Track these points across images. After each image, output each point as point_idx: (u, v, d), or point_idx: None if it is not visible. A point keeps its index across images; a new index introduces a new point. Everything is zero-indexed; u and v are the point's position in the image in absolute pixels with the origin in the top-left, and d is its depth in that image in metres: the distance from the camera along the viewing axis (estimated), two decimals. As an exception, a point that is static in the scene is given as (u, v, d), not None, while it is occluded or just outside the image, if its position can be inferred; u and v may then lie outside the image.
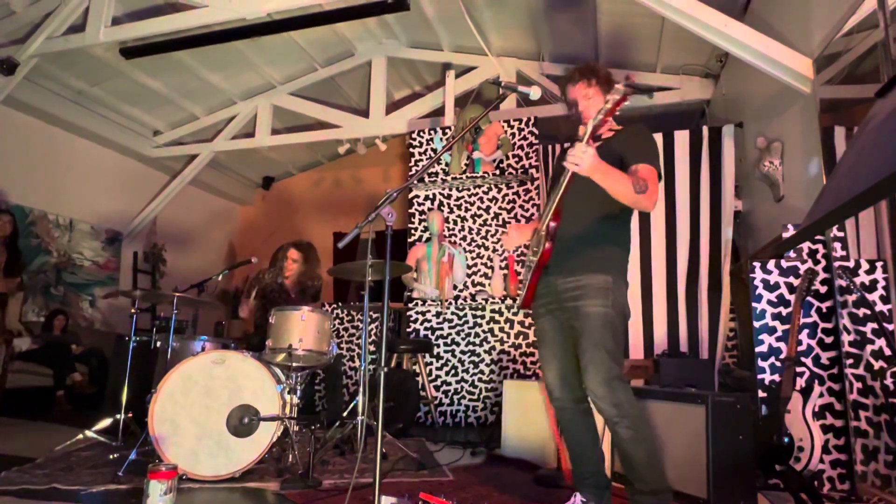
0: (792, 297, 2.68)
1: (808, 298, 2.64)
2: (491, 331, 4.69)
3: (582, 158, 1.68)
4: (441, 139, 5.28)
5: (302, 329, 2.84)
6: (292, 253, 3.79)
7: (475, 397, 4.60)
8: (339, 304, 5.33)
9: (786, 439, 2.35)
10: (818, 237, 2.70)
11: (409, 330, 4.89)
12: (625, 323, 1.96)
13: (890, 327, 2.44)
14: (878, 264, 2.54)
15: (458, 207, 5.07)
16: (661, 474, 1.83)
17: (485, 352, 4.66)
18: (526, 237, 2.13)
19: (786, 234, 2.84)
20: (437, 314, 4.82)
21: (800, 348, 2.60)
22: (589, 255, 1.92)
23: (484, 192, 5.02)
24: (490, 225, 4.95)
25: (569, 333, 1.96)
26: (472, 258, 4.93)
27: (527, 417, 3.09)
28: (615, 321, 1.88)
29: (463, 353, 4.71)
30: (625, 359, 4.07)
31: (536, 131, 4.98)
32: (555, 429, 2.70)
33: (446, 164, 5.10)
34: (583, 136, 1.73)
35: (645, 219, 4.39)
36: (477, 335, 4.71)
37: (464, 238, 4.99)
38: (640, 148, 1.94)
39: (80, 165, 6.05)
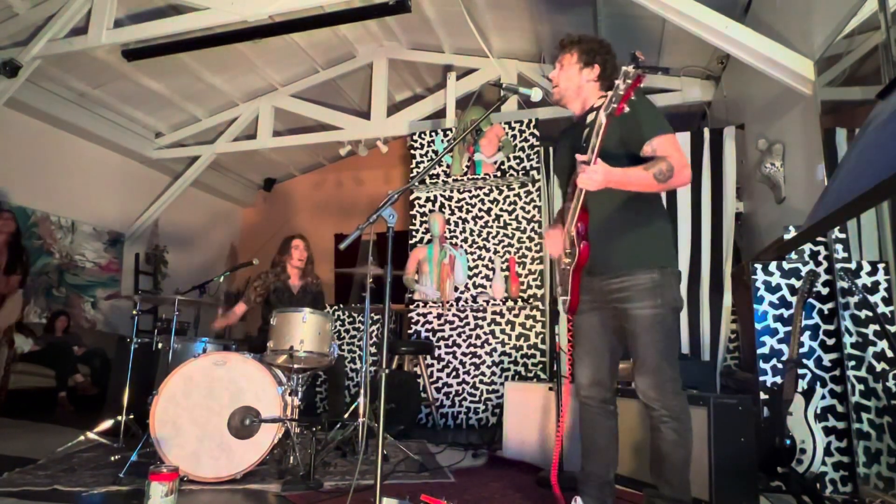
0: (793, 299, 2.67)
1: (810, 300, 2.64)
2: (492, 332, 4.68)
3: (591, 181, 1.61)
4: (442, 141, 5.28)
5: (303, 331, 2.84)
6: (298, 242, 3.81)
7: (476, 399, 4.59)
8: (341, 305, 5.33)
9: (788, 441, 2.34)
10: (820, 239, 2.70)
11: (410, 331, 4.89)
12: (677, 316, 1.84)
13: (892, 329, 2.43)
14: (880, 266, 2.53)
15: (460, 209, 5.07)
16: (688, 485, 1.78)
17: (486, 353, 4.66)
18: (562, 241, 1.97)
19: (787, 236, 2.83)
20: (439, 316, 4.82)
21: (801, 350, 2.59)
22: (630, 249, 1.80)
23: (485, 194, 5.02)
24: (491, 227, 4.95)
25: (611, 333, 1.89)
26: (474, 260, 4.94)
27: (528, 419, 3.09)
28: (667, 320, 1.77)
29: (464, 354, 4.70)
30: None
31: (538, 133, 4.98)
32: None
33: (447, 166, 5.11)
34: (589, 151, 1.61)
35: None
36: (478, 337, 4.71)
37: (465, 240, 4.99)
38: (644, 119, 1.77)
39: (83, 167, 6.07)
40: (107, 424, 3.16)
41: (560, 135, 2.13)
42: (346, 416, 3.35)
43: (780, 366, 2.64)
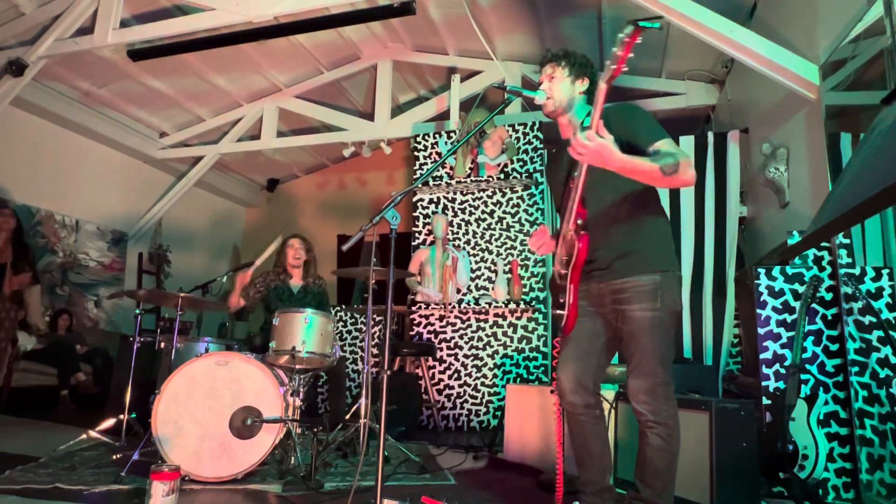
0: (797, 304, 2.66)
1: (814, 305, 2.63)
2: (494, 335, 4.68)
3: (584, 146, 1.55)
4: (446, 143, 5.28)
5: (305, 331, 2.84)
6: (293, 241, 3.78)
7: (478, 401, 4.59)
8: (343, 306, 5.33)
9: (790, 447, 2.34)
10: (824, 244, 2.69)
11: (411, 333, 4.89)
12: (676, 319, 1.82)
13: (896, 335, 2.42)
14: (885, 271, 2.53)
15: (463, 211, 5.07)
16: (671, 491, 1.76)
17: (487, 356, 4.65)
18: (550, 247, 1.95)
19: (791, 241, 2.83)
20: (441, 318, 4.82)
21: (804, 355, 2.59)
22: (632, 254, 1.78)
23: (488, 196, 5.02)
24: (494, 229, 4.95)
25: (602, 340, 1.86)
26: (476, 262, 4.93)
27: (529, 422, 3.08)
28: (665, 322, 1.75)
29: (466, 356, 4.70)
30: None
31: (541, 135, 4.98)
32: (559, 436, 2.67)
33: (451, 168, 5.11)
34: (590, 122, 1.55)
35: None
36: (480, 339, 4.71)
37: (468, 242, 4.99)
38: (644, 126, 1.77)
39: (87, 166, 6.09)
40: (109, 423, 3.16)
41: (549, 162, 2.14)
42: (347, 417, 3.35)
43: (782, 371, 2.64)
